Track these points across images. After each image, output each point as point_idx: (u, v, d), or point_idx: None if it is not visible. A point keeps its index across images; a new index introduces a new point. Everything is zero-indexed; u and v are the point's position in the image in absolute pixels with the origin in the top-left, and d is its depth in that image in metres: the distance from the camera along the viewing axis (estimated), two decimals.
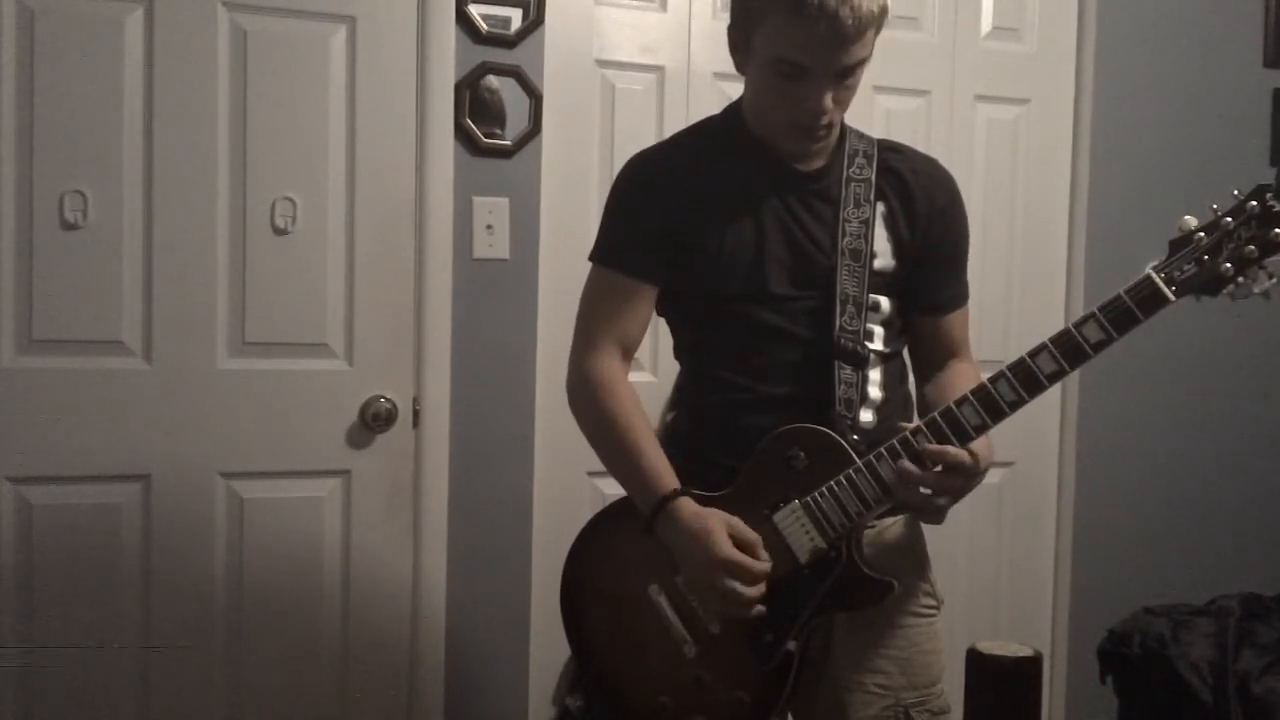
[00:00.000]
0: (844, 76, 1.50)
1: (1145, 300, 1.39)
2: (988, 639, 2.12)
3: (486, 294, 2.42)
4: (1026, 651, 2.02)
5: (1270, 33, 2.95)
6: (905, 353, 1.72)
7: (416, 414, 2.39)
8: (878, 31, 1.50)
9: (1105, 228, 2.85)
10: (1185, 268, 1.38)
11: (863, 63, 1.50)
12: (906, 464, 1.46)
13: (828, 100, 1.49)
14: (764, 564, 1.49)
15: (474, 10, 2.36)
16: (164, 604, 2.25)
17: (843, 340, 1.56)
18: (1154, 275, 1.39)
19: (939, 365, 1.69)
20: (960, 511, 1.53)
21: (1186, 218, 1.39)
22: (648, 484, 1.55)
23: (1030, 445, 2.87)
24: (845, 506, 1.50)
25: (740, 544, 1.49)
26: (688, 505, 1.52)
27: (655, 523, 1.54)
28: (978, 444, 1.47)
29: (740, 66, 1.59)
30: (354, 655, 2.38)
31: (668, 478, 1.55)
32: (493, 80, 2.39)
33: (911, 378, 1.73)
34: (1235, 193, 1.37)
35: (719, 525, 1.50)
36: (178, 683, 2.26)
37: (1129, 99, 2.86)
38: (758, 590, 1.49)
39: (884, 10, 1.48)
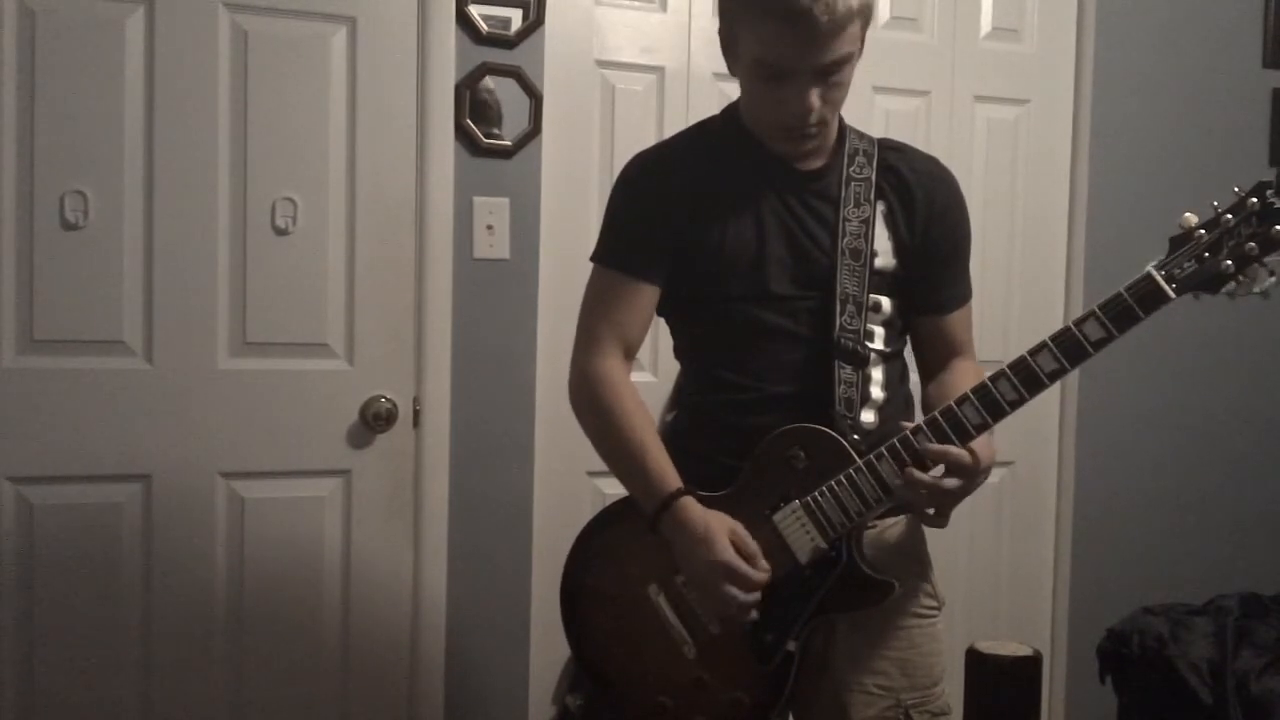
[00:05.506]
0: (827, 74, 1.47)
1: (1145, 298, 1.39)
2: (988, 639, 2.14)
3: (486, 294, 2.42)
4: (1026, 651, 2.03)
5: (1270, 33, 2.95)
6: (906, 352, 1.72)
7: (417, 414, 2.39)
8: (865, 26, 1.48)
9: (1105, 228, 2.85)
10: (1185, 265, 1.38)
11: (848, 59, 1.48)
12: (913, 471, 1.45)
13: (813, 99, 1.48)
14: (762, 573, 1.49)
15: (474, 11, 2.37)
16: (165, 603, 2.25)
17: (843, 340, 1.56)
18: (1154, 273, 1.39)
19: (942, 364, 1.69)
20: (960, 511, 1.53)
21: (1187, 215, 1.38)
22: (651, 483, 1.55)
23: (1030, 445, 2.88)
24: (846, 506, 1.50)
25: (741, 551, 1.49)
26: (691, 506, 1.52)
27: (658, 522, 1.54)
28: (979, 443, 1.47)
29: (731, 70, 1.59)
30: (354, 655, 2.38)
31: (671, 477, 1.54)
32: (492, 81, 2.39)
33: (914, 377, 1.73)
34: (1236, 190, 1.37)
35: (721, 529, 1.50)
36: (178, 682, 2.27)
37: (1129, 99, 2.86)
38: (754, 597, 1.49)
39: (865, 6, 1.45)
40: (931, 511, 1.50)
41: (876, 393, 1.60)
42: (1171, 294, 1.38)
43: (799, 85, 1.47)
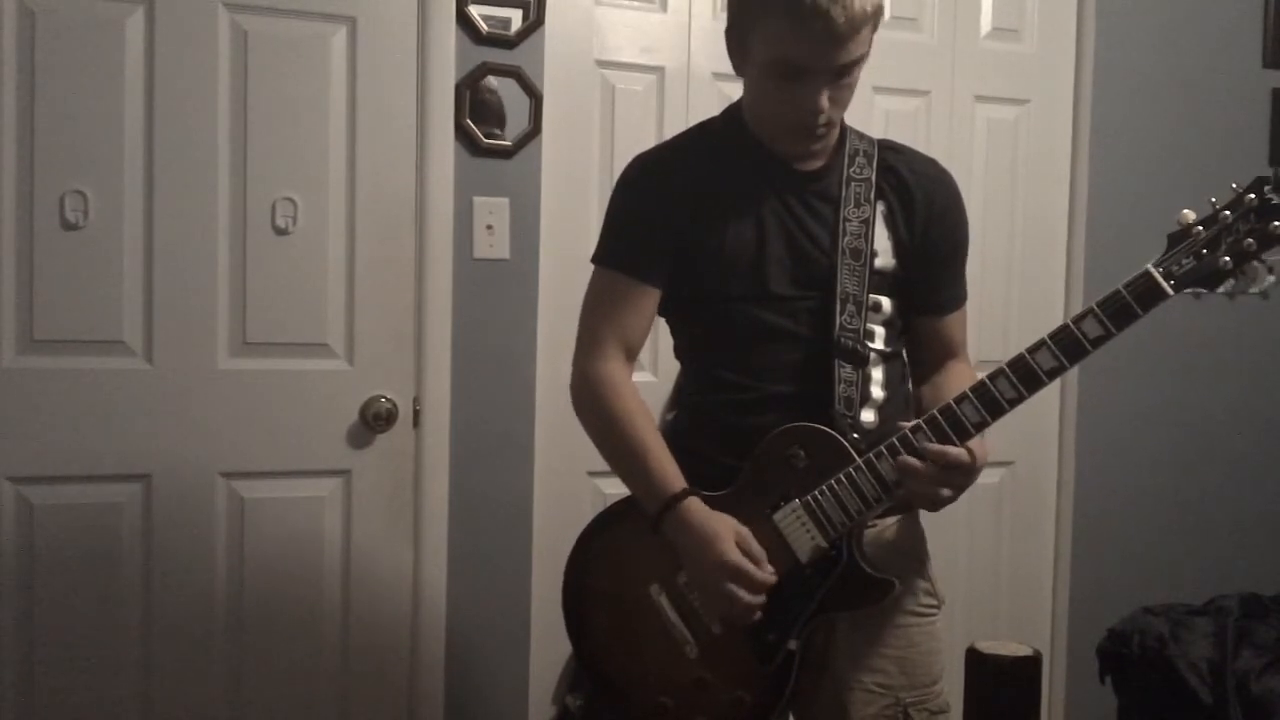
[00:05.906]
0: (841, 75, 1.50)
1: (1143, 295, 1.39)
2: (987, 639, 2.13)
3: (486, 294, 2.42)
4: (1026, 651, 2.03)
5: (1270, 33, 2.95)
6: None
7: (417, 414, 2.39)
8: (874, 29, 1.50)
9: (1105, 228, 2.85)
10: (1183, 262, 1.38)
11: (860, 61, 1.50)
12: (907, 458, 1.46)
13: (824, 100, 1.50)
14: (768, 575, 1.49)
15: (474, 11, 2.37)
16: (165, 604, 2.25)
17: (843, 339, 1.56)
18: (1152, 270, 1.39)
19: (936, 366, 1.69)
20: (960, 511, 1.54)
21: (1185, 211, 1.39)
22: (654, 484, 1.55)
23: (1030, 445, 2.88)
24: (846, 505, 1.50)
25: (747, 554, 1.49)
26: (697, 506, 1.52)
27: (662, 522, 1.54)
28: (973, 441, 1.47)
29: (738, 69, 1.59)
30: (354, 655, 2.38)
31: (675, 478, 1.54)
32: (493, 81, 2.39)
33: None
34: (1234, 186, 1.37)
35: (728, 531, 1.50)
36: (179, 682, 2.27)
37: (1129, 99, 2.87)
38: (759, 599, 1.49)
39: (878, 9, 1.48)
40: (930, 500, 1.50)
41: (876, 392, 1.61)
42: (1169, 291, 1.38)
43: (813, 85, 1.49)
